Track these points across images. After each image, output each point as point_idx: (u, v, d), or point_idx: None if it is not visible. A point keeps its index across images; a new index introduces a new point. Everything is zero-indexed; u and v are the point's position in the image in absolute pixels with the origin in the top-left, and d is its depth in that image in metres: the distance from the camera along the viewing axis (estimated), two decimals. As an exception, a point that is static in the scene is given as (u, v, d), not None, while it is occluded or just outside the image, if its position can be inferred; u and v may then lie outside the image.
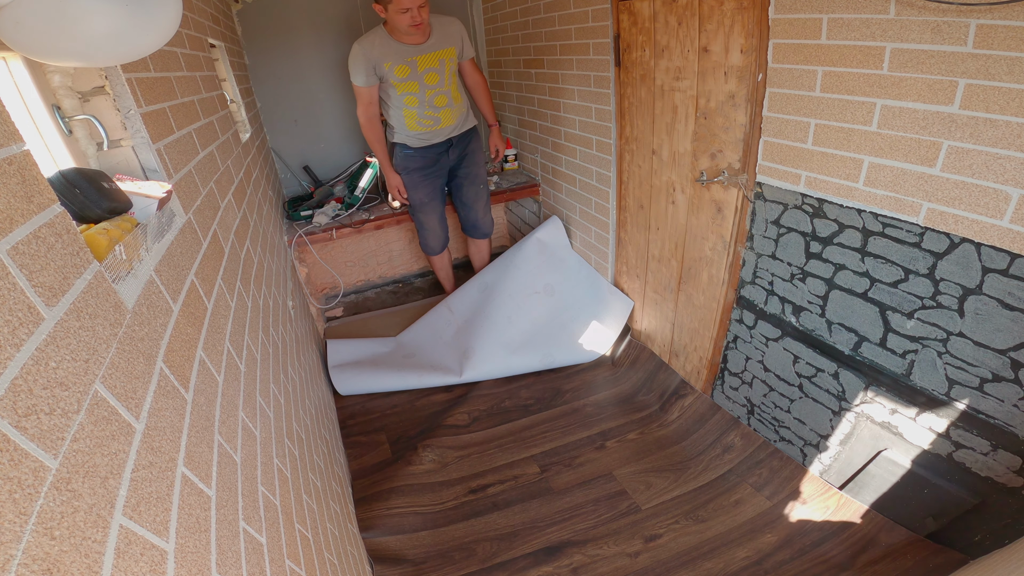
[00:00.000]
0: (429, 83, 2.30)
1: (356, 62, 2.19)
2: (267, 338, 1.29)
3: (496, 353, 2.45)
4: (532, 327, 2.51)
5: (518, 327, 2.50)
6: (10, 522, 0.30)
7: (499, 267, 2.66)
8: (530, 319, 2.52)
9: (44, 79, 0.87)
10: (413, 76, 2.25)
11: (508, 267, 2.62)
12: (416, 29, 2.08)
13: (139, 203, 0.84)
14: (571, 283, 2.60)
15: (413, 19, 2.02)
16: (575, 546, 1.65)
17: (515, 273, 2.59)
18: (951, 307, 1.19)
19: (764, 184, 1.55)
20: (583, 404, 2.26)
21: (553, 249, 2.64)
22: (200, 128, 1.29)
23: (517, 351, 2.46)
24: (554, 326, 2.53)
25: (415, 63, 2.22)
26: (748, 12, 1.43)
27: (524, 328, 2.50)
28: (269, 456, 0.95)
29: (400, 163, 2.50)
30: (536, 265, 2.60)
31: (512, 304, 2.53)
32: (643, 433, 2.08)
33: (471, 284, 2.72)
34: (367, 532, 1.70)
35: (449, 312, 2.69)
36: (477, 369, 2.42)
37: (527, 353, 2.46)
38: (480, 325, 2.52)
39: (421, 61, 2.23)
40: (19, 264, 0.39)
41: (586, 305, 2.56)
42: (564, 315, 2.55)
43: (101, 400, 0.45)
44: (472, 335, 2.52)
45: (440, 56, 2.28)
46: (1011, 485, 1.18)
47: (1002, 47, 0.96)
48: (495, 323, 2.50)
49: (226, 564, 0.60)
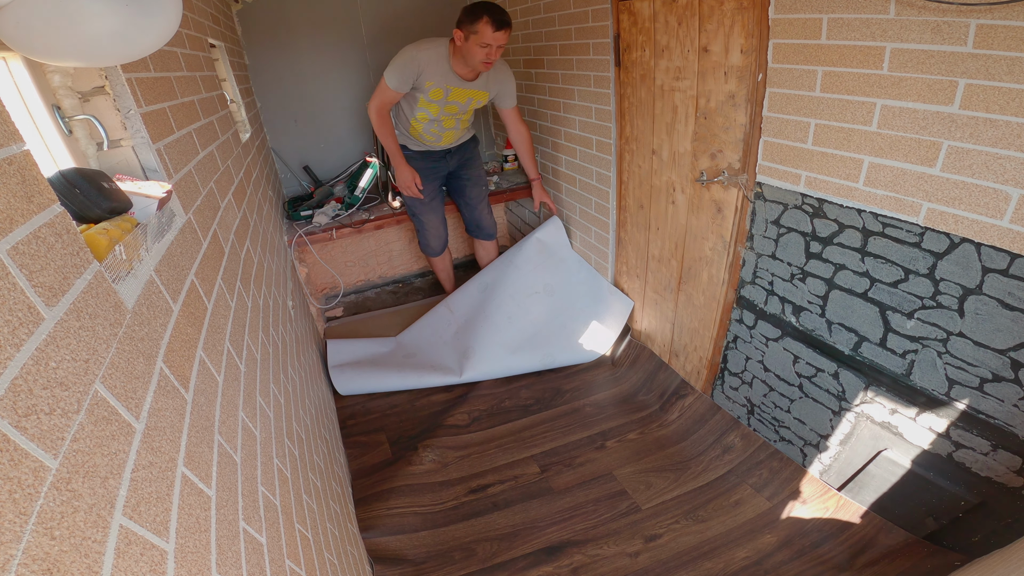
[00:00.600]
0: (448, 111, 2.33)
1: (404, 66, 2.14)
2: (267, 338, 1.29)
3: (496, 353, 2.45)
4: (532, 327, 2.51)
5: (518, 327, 2.50)
6: (10, 522, 0.30)
7: (499, 267, 2.66)
8: (530, 319, 2.52)
9: (44, 79, 0.87)
10: (441, 101, 2.26)
11: (508, 267, 2.62)
12: (485, 67, 2.09)
13: (139, 203, 0.84)
14: (571, 283, 2.60)
15: (488, 56, 2.03)
16: (575, 546, 1.65)
17: (515, 273, 2.59)
18: (951, 307, 1.19)
19: (764, 184, 1.55)
20: (583, 404, 2.26)
21: (553, 249, 2.64)
22: (200, 128, 1.29)
23: (517, 351, 2.46)
24: (554, 326, 2.53)
25: (449, 91, 2.23)
26: (748, 12, 1.43)
27: (524, 328, 2.50)
28: (269, 456, 0.95)
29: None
30: (536, 265, 2.60)
31: (512, 304, 2.53)
32: (643, 433, 2.08)
33: (471, 284, 2.72)
34: (367, 532, 1.70)
35: (449, 312, 2.69)
36: (477, 369, 2.41)
37: (527, 353, 2.46)
38: (480, 325, 2.52)
39: (455, 92, 2.24)
40: (19, 264, 0.39)
41: (586, 305, 2.56)
42: (564, 315, 2.55)
43: (101, 400, 0.45)
44: (472, 335, 2.52)
45: (472, 95, 2.29)
46: (1011, 485, 1.18)
47: (1002, 47, 0.95)
48: (495, 323, 2.50)
49: (226, 564, 0.60)
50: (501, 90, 2.35)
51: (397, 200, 2.86)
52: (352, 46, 3.11)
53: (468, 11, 2.00)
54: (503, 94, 2.37)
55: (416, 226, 2.74)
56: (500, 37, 1.99)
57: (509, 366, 2.44)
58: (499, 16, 1.97)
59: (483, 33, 1.97)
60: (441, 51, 2.14)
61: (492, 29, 1.96)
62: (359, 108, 3.33)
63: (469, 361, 2.43)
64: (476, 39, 1.99)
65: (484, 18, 1.95)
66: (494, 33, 1.97)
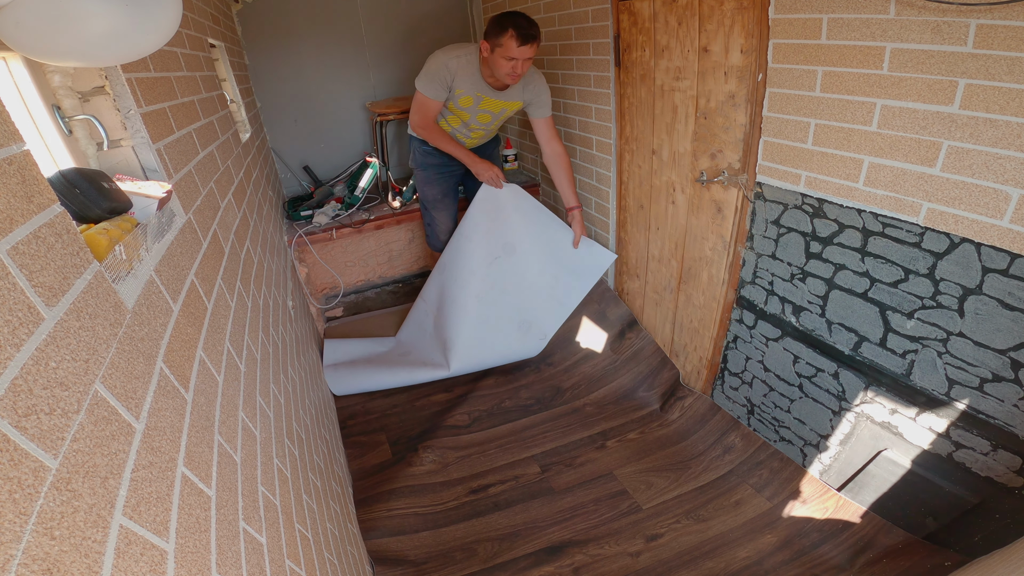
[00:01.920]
0: (479, 120, 2.25)
1: (436, 73, 2.05)
2: (267, 338, 1.29)
3: (474, 336, 2.34)
4: (502, 297, 2.37)
5: (487, 302, 2.37)
6: (10, 522, 0.30)
7: (452, 247, 2.49)
8: (499, 289, 2.37)
9: (44, 79, 0.87)
10: (471, 109, 2.19)
11: (459, 243, 2.43)
12: (512, 80, 2.00)
13: (139, 203, 0.84)
14: (531, 234, 2.37)
15: (514, 69, 1.93)
16: (576, 546, 1.65)
17: (468, 246, 2.39)
18: (951, 307, 1.19)
19: (764, 184, 1.55)
20: (583, 404, 2.26)
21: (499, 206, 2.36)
22: (200, 128, 1.29)
23: (495, 328, 2.35)
24: (524, 289, 2.38)
25: (480, 100, 2.15)
26: (748, 12, 1.43)
27: (495, 300, 2.37)
28: (269, 456, 0.95)
29: (419, 159, 2.44)
30: (486, 230, 2.38)
31: (475, 280, 2.36)
32: (643, 433, 2.07)
33: (435, 269, 2.58)
34: (368, 534, 1.70)
35: (424, 303, 2.60)
36: (461, 359, 2.33)
37: (505, 327, 2.35)
38: (450, 311, 2.41)
39: (487, 102, 2.16)
40: (19, 264, 0.39)
41: (552, 255, 2.37)
42: (531, 274, 2.38)
43: (101, 400, 0.45)
44: (446, 323, 2.42)
45: (505, 106, 2.19)
46: (1011, 485, 1.18)
47: (1002, 47, 0.96)
48: (463, 305, 2.37)
49: (226, 564, 0.60)
50: (534, 99, 2.19)
51: (397, 200, 2.87)
52: (352, 46, 3.12)
53: (495, 22, 1.90)
54: (536, 103, 2.19)
55: (426, 220, 2.64)
56: (526, 51, 1.88)
57: (494, 348, 2.34)
58: (526, 29, 1.86)
59: (508, 47, 1.87)
60: (472, 58, 2.06)
61: (517, 43, 1.86)
62: (359, 108, 3.33)
63: (451, 352, 2.34)
64: (501, 52, 1.90)
65: (509, 31, 1.85)
66: (519, 47, 1.87)
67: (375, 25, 3.11)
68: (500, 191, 2.33)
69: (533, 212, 2.36)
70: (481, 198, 2.36)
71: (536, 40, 1.90)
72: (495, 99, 2.15)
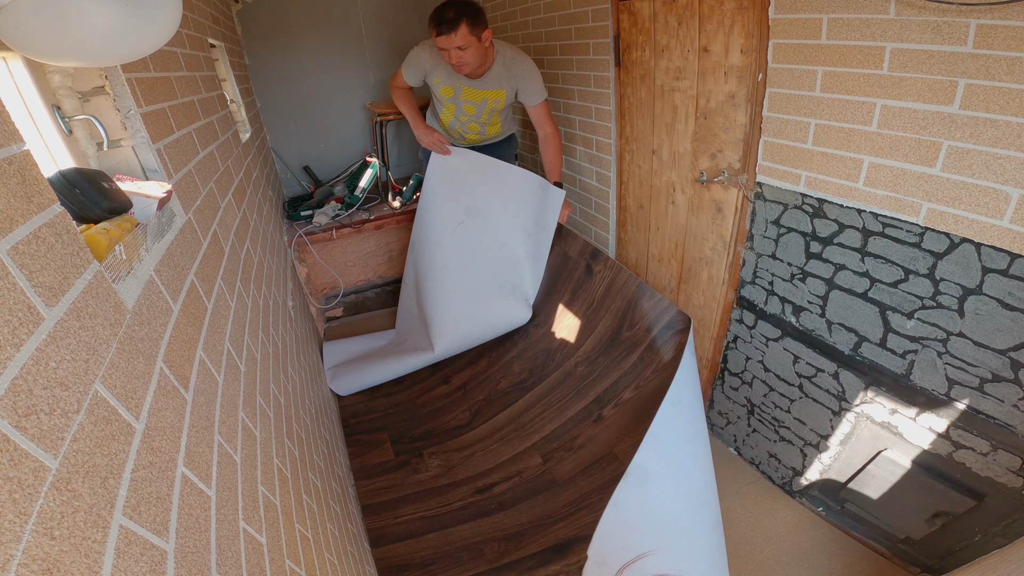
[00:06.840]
0: (466, 111, 2.23)
1: (411, 65, 2.11)
2: (267, 338, 1.29)
3: (452, 309, 2.28)
4: (472, 262, 2.30)
5: (457, 270, 2.30)
6: (10, 522, 0.30)
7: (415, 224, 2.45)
8: (468, 254, 2.29)
9: (44, 79, 0.87)
10: (454, 100, 2.19)
11: (420, 217, 2.39)
12: (460, 70, 1.97)
13: (139, 203, 0.84)
14: (491, 191, 2.27)
15: (450, 59, 1.91)
16: (583, 541, 1.65)
17: (427, 218, 2.35)
18: (951, 307, 1.19)
19: (764, 184, 1.55)
20: (574, 364, 2.15)
21: (453, 172, 2.30)
22: (200, 128, 1.29)
23: (472, 297, 2.28)
24: (495, 249, 2.29)
25: (460, 90, 2.15)
26: (748, 12, 1.43)
27: (466, 267, 2.29)
28: (269, 456, 0.95)
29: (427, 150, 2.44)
30: (443, 198, 2.32)
31: (441, 251, 2.31)
32: (638, 389, 1.91)
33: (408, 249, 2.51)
34: (377, 542, 1.70)
35: (406, 285, 2.57)
36: (445, 336, 2.27)
37: (483, 292, 2.28)
38: (425, 288, 2.37)
39: (467, 92, 2.15)
40: (19, 264, 0.39)
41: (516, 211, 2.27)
42: (501, 232, 2.29)
43: (101, 400, 0.45)
44: (424, 301, 2.38)
45: (485, 96, 2.15)
46: (1011, 485, 1.18)
47: (1002, 47, 0.95)
48: (434, 278, 2.32)
49: (226, 564, 0.60)
50: (521, 87, 2.11)
51: (397, 200, 2.87)
52: (352, 46, 3.12)
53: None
54: (525, 91, 2.11)
55: None
56: (446, 41, 1.82)
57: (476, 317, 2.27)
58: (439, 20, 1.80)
59: (436, 40, 1.85)
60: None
61: (434, 35, 1.84)
62: (359, 108, 3.33)
63: (433, 331, 2.28)
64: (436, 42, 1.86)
65: (431, 24, 1.83)
66: (438, 38, 1.83)
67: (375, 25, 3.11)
68: (450, 157, 2.27)
69: (488, 169, 2.27)
70: (434, 166, 2.29)
71: (452, 27, 1.79)
72: (474, 88, 2.13)
